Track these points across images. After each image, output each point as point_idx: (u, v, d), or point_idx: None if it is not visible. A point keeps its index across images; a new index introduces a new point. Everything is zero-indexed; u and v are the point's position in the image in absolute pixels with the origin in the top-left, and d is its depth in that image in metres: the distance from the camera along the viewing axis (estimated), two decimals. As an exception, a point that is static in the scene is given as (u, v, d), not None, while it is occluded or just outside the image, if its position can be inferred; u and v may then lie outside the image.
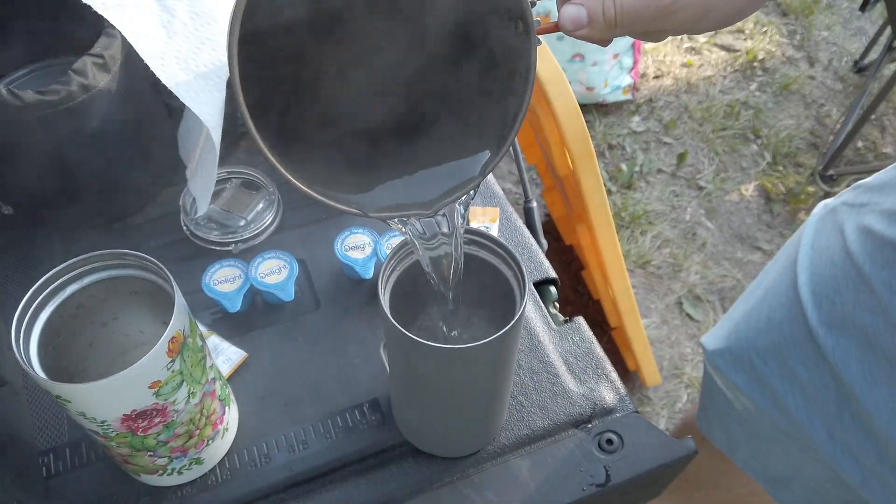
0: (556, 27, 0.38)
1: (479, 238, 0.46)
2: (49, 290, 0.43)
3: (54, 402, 0.54)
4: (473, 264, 0.47)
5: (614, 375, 0.57)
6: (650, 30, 0.37)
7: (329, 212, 0.67)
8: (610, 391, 0.56)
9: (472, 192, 0.39)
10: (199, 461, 0.49)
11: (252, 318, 0.60)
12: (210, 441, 0.49)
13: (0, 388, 0.46)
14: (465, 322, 0.49)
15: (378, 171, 0.39)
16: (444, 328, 0.49)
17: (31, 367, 0.40)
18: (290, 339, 0.59)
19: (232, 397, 0.53)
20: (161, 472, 0.48)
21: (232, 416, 0.52)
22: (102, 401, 0.40)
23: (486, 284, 0.47)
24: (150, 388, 0.41)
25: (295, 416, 0.54)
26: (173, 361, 0.42)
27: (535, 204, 0.69)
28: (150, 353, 0.39)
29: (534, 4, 0.36)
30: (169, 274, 0.43)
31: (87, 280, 0.44)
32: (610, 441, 0.53)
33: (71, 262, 0.43)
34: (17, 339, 0.40)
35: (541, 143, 1.17)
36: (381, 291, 0.42)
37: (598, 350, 0.58)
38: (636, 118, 1.90)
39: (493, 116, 0.39)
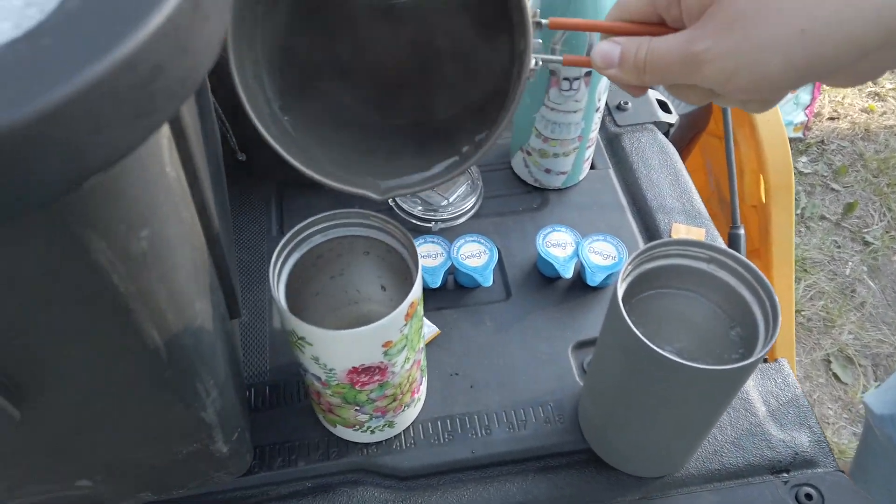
0: (587, 62, 0.37)
1: (721, 256, 0.44)
2: (301, 237, 0.45)
3: (258, 344, 0.58)
4: (710, 282, 0.45)
5: (818, 428, 0.53)
6: (678, 81, 0.34)
7: (527, 204, 0.67)
8: (812, 443, 0.52)
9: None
10: (391, 424, 0.51)
11: (444, 296, 0.61)
12: (406, 408, 0.50)
13: (233, 320, 0.49)
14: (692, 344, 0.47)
15: (354, 153, 0.43)
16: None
17: (285, 305, 0.42)
18: (480, 324, 0.59)
19: (426, 370, 0.54)
20: (358, 427, 0.49)
21: (424, 387, 0.53)
22: (341, 350, 0.42)
23: (722, 308, 0.45)
24: (382, 346, 0.42)
25: (480, 400, 0.54)
26: (406, 325, 0.43)
27: (742, 231, 0.66)
28: (393, 312, 0.41)
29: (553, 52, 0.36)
30: (413, 241, 0.44)
31: (331, 234, 0.46)
32: (809, 496, 0.49)
33: (322, 215, 0.45)
34: (274, 279, 0.43)
35: (711, 169, 1.12)
36: (619, 290, 0.41)
37: (802, 397, 0.55)
38: (804, 158, 1.78)
39: (468, 138, 0.42)
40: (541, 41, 0.37)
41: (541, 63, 0.38)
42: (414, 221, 0.65)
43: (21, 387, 0.29)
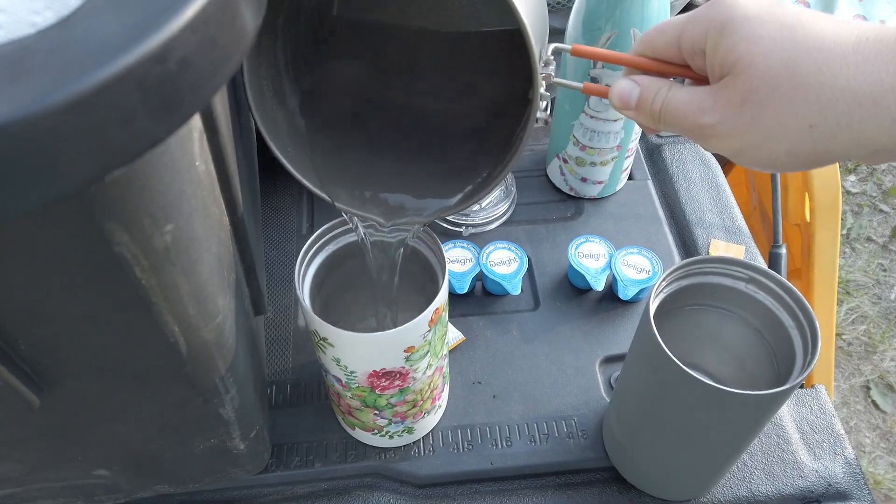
0: (607, 92, 0.35)
1: (760, 277, 0.42)
2: (329, 236, 0.45)
3: (282, 341, 0.58)
4: (747, 303, 0.43)
5: (854, 459, 0.51)
6: (690, 139, 0.33)
7: (561, 213, 0.66)
8: (847, 474, 0.50)
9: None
10: (410, 430, 0.50)
11: (471, 302, 0.60)
12: (426, 414, 0.50)
13: (257, 317, 0.48)
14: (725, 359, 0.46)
15: (363, 177, 0.44)
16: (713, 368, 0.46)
17: (308, 305, 0.42)
18: (506, 333, 0.58)
19: (449, 376, 0.53)
20: (376, 431, 0.49)
21: (445, 394, 0.52)
22: (362, 353, 0.41)
23: (759, 330, 0.43)
24: (404, 351, 0.42)
25: (502, 411, 0.53)
26: (430, 331, 0.42)
27: (784, 250, 0.64)
28: (417, 318, 0.40)
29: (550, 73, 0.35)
30: (441, 246, 0.43)
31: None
32: (843, 530, 0.47)
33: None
34: (300, 278, 0.42)
35: (754, 184, 1.09)
36: (651, 305, 0.40)
37: (839, 426, 0.52)
38: (852, 177, 1.73)
39: (479, 169, 0.42)
40: (552, 72, 0.36)
41: (545, 92, 0.37)
42: (444, 225, 0.64)
43: (41, 375, 0.29)
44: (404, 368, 0.43)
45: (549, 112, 0.37)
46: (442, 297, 0.41)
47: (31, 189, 0.17)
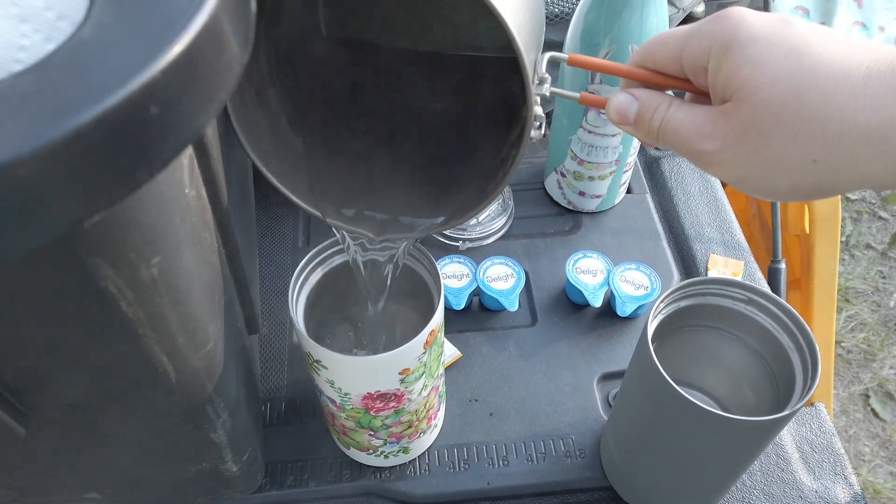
0: (605, 104, 0.34)
1: (760, 299, 0.41)
2: (323, 256, 0.44)
3: (277, 357, 0.57)
4: (747, 324, 0.43)
5: (854, 479, 0.50)
6: (690, 162, 0.32)
7: (559, 227, 0.66)
8: (848, 495, 0.49)
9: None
10: (406, 450, 0.49)
11: (468, 318, 0.59)
12: (422, 434, 0.49)
13: (251, 336, 0.48)
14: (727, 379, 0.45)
15: (354, 190, 0.43)
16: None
17: (302, 327, 0.41)
18: (503, 349, 0.57)
19: (445, 395, 0.53)
20: (371, 451, 0.48)
21: (441, 412, 0.52)
22: (356, 376, 0.41)
23: (758, 352, 0.43)
24: (399, 374, 0.41)
25: (499, 429, 0.53)
26: (425, 353, 0.41)
27: (783, 265, 0.63)
28: (412, 341, 0.39)
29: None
30: (437, 267, 0.43)
31: (353, 254, 0.45)
32: (843, 553, 0.47)
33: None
34: (293, 300, 0.42)
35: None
36: (649, 328, 0.40)
37: (839, 445, 0.52)
38: (851, 183, 1.72)
39: (473, 189, 0.41)
40: (546, 92, 0.35)
41: (548, 94, 0.36)
42: (441, 240, 0.64)
43: (27, 405, 0.29)
44: (399, 390, 0.42)
45: (542, 130, 0.36)
46: (437, 319, 0.41)
47: (7, 238, 0.17)
